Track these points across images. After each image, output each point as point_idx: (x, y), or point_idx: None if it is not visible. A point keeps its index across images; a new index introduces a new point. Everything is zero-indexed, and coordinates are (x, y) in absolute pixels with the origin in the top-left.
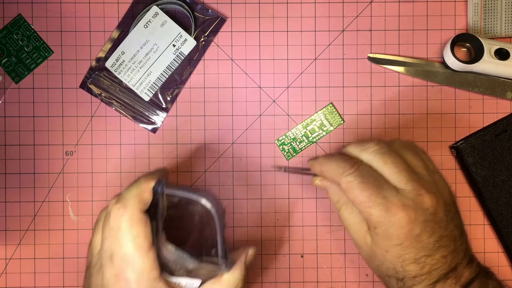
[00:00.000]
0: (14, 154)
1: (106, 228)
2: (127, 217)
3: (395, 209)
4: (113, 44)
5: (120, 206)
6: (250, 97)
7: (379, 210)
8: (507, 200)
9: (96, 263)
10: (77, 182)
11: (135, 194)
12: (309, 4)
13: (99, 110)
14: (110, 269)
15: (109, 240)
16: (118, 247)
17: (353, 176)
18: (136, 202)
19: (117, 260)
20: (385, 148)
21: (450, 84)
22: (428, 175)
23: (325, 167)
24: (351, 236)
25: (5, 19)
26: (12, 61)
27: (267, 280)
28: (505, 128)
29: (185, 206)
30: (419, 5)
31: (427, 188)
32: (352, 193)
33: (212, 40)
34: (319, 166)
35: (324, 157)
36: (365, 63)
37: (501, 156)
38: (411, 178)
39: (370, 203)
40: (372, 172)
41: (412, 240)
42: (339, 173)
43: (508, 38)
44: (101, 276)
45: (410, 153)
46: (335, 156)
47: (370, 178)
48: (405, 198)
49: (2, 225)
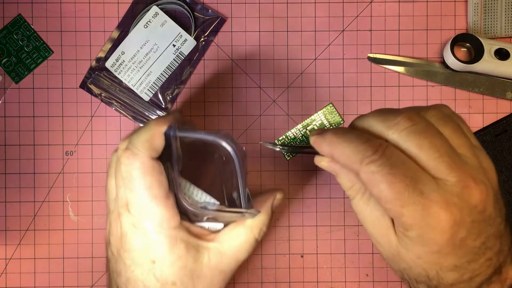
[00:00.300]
0: (14, 154)
1: (119, 176)
2: (138, 166)
3: (436, 209)
4: (113, 44)
5: (129, 154)
6: (250, 97)
7: (414, 210)
8: (507, 200)
9: (113, 210)
10: (77, 182)
11: (145, 140)
12: (309, 4)
13: (99, 110)
14: (127, 218)
15: (123, 188)
16: (132, 197)
17: (377, 165)
18: (147, 149)
19: (133, 209)
20: (420, 124)
21: (450, 84)
22: (473, 157)
23: (337, 150)
24: (368, 230)
25: (5, 19)
26: (12, 61)
27: (267, 280)
28: (505, 128)
29: (202, 149)
30: (419, 5)
31: (475, 177)
32: (376, 187)
33: (212, 40)
34: (328, 147)
35: (334, 133)
36: (365, 63)
37: (501, 156)
38: (456, 165)
39: (401, 201)
40: (403, 158)
41: (454, 246)
42: (357, 159)
43: (508, 38)
44: (119, 225)
45: (450, 126)
46: (351, 133)
47: (401, 167)
48: (449, 194)
49: (2, 225)
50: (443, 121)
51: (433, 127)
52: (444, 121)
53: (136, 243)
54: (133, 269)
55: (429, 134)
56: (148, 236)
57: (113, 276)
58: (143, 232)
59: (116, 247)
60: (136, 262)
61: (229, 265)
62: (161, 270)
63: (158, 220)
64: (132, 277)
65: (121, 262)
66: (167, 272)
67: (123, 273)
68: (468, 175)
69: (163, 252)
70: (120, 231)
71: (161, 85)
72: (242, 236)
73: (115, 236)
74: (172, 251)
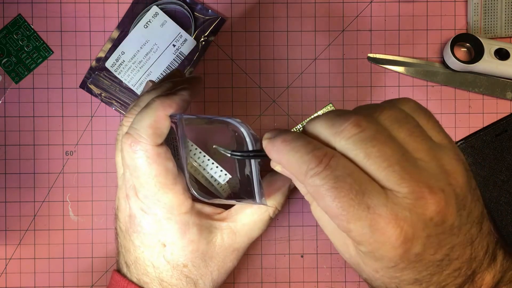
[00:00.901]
0: (14, 154)
1: (124, 160)
2: (142, 154)
3: (383, 224)
4: (113, 44)
5: (132, 141)
6: (250, 97)
7: (361, 226)
8: (507, 200)
9: (121, 187)
10: (77, 182)
11: (148, 125)
12: (309, 4)
13: (99, 110)
14: (135, 202)
15: (128, 173)
16: (139, 184)
17: (321, 178)
18: (150, 135)
19: (141, 195)
20: (368, 130)
21: (450, 84)
22: (433, 161)
23: (284, 159)
24: (330, 238)
25: (5, 19)
26: (12, 61)
27: (267, 280)
28: (505, 128)
29: (213, 129)
30: (419, 5)
31: (431, 185)
32: (322, 201)
33: (212, 40)
34: (276, 155)
35: (283, 140)
36: (365, 63)
37: (501, 156)
38: (408, 174)
39: (347, 217)
40: (350, 169)
41: (409, 262)
42: (302, 170)
43: (508, 38)
44: (128, 206)
45: (406, 129)
46: (299, 141)
47: (347, 179)
48: (399, 207)
49: (2, 225)
50: (398, 123)
51: (383, 133)
52: (399, 124)
53: (146, 227)
54: (143, 250)
55: (378, 142)
56: (158, 221)
57: (121, 251)
58: (152, 217)
59: (124, 225)
60: (145, 244)
61: (242, 243)
62: (172, 253)
63: (168, 207)
64: (141, 257)
65: (130, 241)
66: (177, 255)
67: (132, 251)
68: (423, 184)
69: (174, 237)
70: (128, 212)
71: None
72: (256, 214)
73: (123, 213)
74: (183, 236)
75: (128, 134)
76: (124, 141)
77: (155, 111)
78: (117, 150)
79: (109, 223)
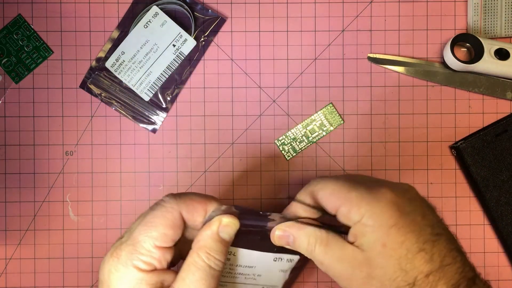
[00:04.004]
0: (14, 154)
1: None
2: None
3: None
4: (113, 44)
5: (117, 263)
6: (250, 97)
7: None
8: (507, 200)
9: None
10: (77, 182)
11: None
12: (309, 4)
13: (99, 110)
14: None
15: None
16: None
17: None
18: (135, 258)
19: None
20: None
21: (450, 84)
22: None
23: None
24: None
25: (5, 19)
26: (12, 61)
27: None
28: (505, 128)
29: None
30: (419, 5)
31: None
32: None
33: (212, 40)
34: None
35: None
36: (365, 63)
37: (501, 156)
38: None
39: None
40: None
41: None
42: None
43: (508, 38)
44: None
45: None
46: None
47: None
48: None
49: (2, 225)
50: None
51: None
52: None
53: None
54: None
55: None
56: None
57: None
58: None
59: None
60: None
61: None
62: None
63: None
64: None
65: None
66: None
67: None
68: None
69: None
70: None
71: (161, 85)
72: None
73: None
74: None
75: (112, 252)
76: (107, 256)
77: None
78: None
79: (109, 223)
